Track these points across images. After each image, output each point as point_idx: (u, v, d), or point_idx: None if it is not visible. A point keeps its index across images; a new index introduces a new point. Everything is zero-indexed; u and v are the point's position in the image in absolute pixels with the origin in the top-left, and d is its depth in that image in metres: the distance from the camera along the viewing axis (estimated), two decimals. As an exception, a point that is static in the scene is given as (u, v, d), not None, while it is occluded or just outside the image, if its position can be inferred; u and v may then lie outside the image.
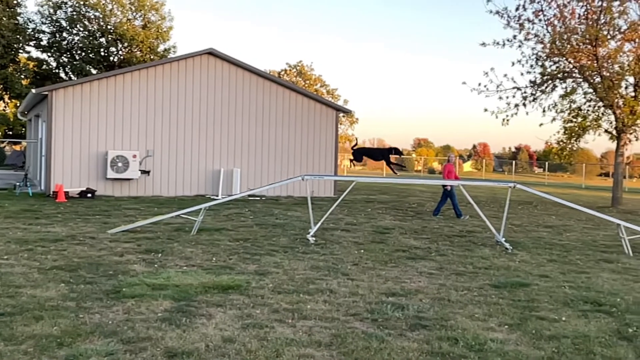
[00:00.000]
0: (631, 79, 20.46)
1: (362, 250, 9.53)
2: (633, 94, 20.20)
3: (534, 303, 6.46)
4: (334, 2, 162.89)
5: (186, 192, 18.67)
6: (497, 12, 21.89)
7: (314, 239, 10.36)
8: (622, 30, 19.85)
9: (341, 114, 24.49)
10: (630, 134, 21.23)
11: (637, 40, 19.87)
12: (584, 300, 6.66)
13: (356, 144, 17.02)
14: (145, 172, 17.99)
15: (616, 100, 20.29)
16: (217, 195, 18.18)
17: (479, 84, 22.67)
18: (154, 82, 18.34)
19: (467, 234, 12.11)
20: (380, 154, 13.38)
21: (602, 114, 21.74)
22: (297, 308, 5.96)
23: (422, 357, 4.69)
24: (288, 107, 20.14)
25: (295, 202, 17.77)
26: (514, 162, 66.54)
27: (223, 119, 19.22)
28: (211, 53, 19.03)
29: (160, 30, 41.08)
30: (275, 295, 6.44)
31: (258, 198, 18.37)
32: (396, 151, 12.86)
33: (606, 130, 21.70)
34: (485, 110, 23.32)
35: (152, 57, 39.94)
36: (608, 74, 20.25)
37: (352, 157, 13.60)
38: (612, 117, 20.96)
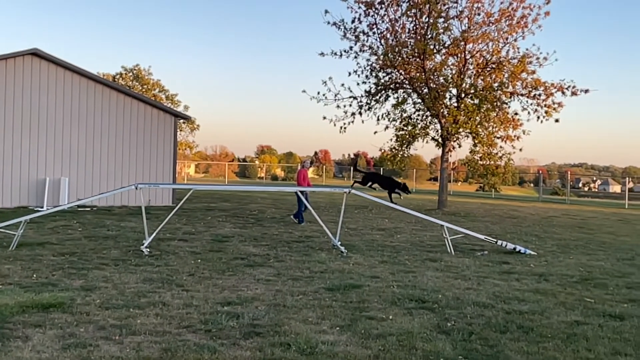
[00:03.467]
0: (454, 91, 22.23)
1: (199, 260, 9.30)
2: (456, 104, 21.94)
3: (364, 304, 6.71)
4: (176, 4, 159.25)
5: (6, 203, 17.04)
6: (335, 24, 22.76)
7: (148, 250, 9.93)
8: (446, 45, 21.54)
9: (180, 120, 23.86)
10: (454, 141, 23.01)
11: (459, 55, 21.68)
12: (410, 298, 7.04)
13: (356, 161, 16.41)
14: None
15: (441, 110, 21.93)
16: (42, 207, 16.81)
17: (318, 93, 23.41)
18: (-34, 82, 16.54)
19: (305, 239, 12.33)
20: (390, 185, 13.12)
21: (430, 122, 23.40)
22: (126, 323, 5.64)
23: (255, 366, 4.63)
24: (122, 113, 19.21)
25: (129, 212, 16.96)
26: (352, 168, 69.36)
27: (49, 125, 17.84)
28: (35, 54, 17.57)
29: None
30: (103, 311, 6.05)
31: (88, 209, 17.27)
32: (404, 187, 12.77)
33: (433, 138, 23.36)
34: (324, 118, 24.14)
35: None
36: (434, 86, 21.85)
37: (358, 179, 12.90)
38: (438, 126, 22.61)
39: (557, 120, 21.37)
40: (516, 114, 21.92)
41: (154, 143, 19.73)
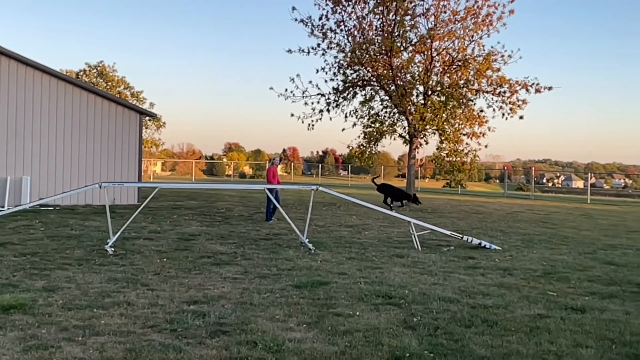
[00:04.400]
0: (421, 88, 22.44)
1: (165, 259, 9.19)
2: (423, 101, 22.14)
3: (331, 300, 6.71)
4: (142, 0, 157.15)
5: (-35, 203, 16.60)
6: (302, 21, 22.75)
7: (112, 249, 9.77)
8: (413, 42, 21.72)
9: (146, 118, 23.55)
10: (421, 138, 23.24)
11: (426, 52, 21.87)
12: (377, 294, 7.08)
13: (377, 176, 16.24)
14: None
15: (408, 107, 22.11)
16: (3, 206, 16.42)
17: (286, 90, 23.40)
18: None
19: (273, 237, 12.29)
20: (402, 196, 13.08)
21: (397, 119, 23.59)
22: (90, 324, 5.54)
23: (221, 364, 4.60)
24: (86, 110, 18.85)
25: (94, 211, 16.68)
26: (320, 165, 69.50)
27: (10, 122, 17.42)
28: (-6, 49, 17.14)
29: None
30: (65, 312, 5.93)
31: (52, 208, 16.93)
32: (415, 198, 12.76)
33: (400, 135, 23.55)
34: (292, 115, 24.09)
35: None
36: (401, 83, 22.02)
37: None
38: (406, 123, 22.79)
39: (521, 117, 21.80)
40: (482, 111, 22.26)
41: (118, 141, 19.42)
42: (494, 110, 21.88)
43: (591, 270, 9.28)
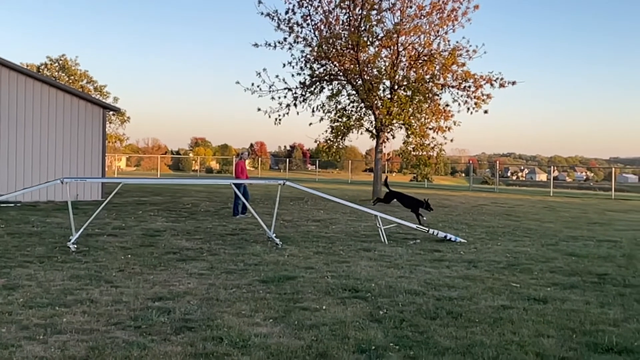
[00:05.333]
0: (388, 83, 22.52)
1: (130, 255, 9.05)
2: (389, 96, 22.24)
3: (298, 295, 6.71)
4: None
5: None
6: (268, 15, 22.59)
7: (75, 246, 9.59)
8: (379, 37, 21.78)
9: (110, 112, 23.15)
10: (388, 132, 23.35)
11: (392, 47, 21.95)
12: (344, 288, 7.10)
13: (387, 179, 15.92)
14: None
15: (375, 101, 22.18)
16: (-38, 203, 15.96)
17: (252, 84, 23.23)
18: None
19: (240, 232, 12.23)
20: (411, 203, 12.97)
21: (364, 114, 23.64)
22: (51, 322, 5.43)
23: (186, 361, 4.56)
24: (47, 105, 18.43)
25: (56, 207, 16.34)
26: (287, 160, 69.39)
27: (-32, 117, 16.94)
28: (-50, 41, 16.61)
29: None
30: (26, 311, 5.80)
31: (12, 205, 16.52)
32: (427, 205, 12.69)
33: (367, 129, 23.62)
34: (259, 109, 23.93)
35: None
36: (368, 77, 22.06)
37: (381, 197, 12.71)
38: (372, 117, 22.86)
39: (486, 112, 22.04)
40: (447, 105, 22.44)
41: (81, 136, 19.05)
42: (459, 104, 22.11)
43: (553, 261, 9.47)
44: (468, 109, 21.89)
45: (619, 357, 4.84)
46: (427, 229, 11.84)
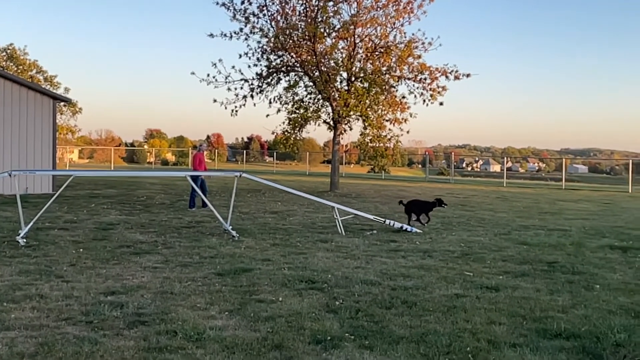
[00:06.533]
0: (345, 74, 22.56)
1: (82, 249, 8.85)
2: (346, 87, 22.29)
3: (254, 287, 6.67)
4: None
5: None
6: (224, 4, 22.31)
7: (24, 240, 9.32)
8: (336, 29, 21.76)
9: (61, 103, 22.53)
10: (345, 124, 23.42)
11: (349, 39, 21.98)
12: (300, 279, 7.09)
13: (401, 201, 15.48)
14: None
15: (332, 93, 22.20)
16: None
17: (208, 75, 22.93)
18: None
19: (196, 225, 12.09)
20: (426, 206, 12.81)
21: (321, 105, 23.64)
22: (-2, 319, 5.26)
23: (139, 355, 4.47)
24: (-6, 95, 17.81)
25: (4, 201, 15.84)
26: (245, 152, 68.97)
27: None
28: None
29: None
30: (-28, 308, 5.61)
31: (-41, 198, 15.96)
32: (440, 202, 12.60)
33: (325, 121, 23.64)
34: (215, 101, 23.66)
35: None
36: (325, 69, 22.05)
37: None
38: (330, 109, 22.88)
39: (441, 104, 22.31)
40: (403, 97, 22.64)
41: (30, 127, 18.49)
42: (415, 96, 22.34)
43: (505, 250, 9.67)
44: (424, 101, 22.15)
45: (567, 342, 4.97)
46: (383, 220, 11.93)
